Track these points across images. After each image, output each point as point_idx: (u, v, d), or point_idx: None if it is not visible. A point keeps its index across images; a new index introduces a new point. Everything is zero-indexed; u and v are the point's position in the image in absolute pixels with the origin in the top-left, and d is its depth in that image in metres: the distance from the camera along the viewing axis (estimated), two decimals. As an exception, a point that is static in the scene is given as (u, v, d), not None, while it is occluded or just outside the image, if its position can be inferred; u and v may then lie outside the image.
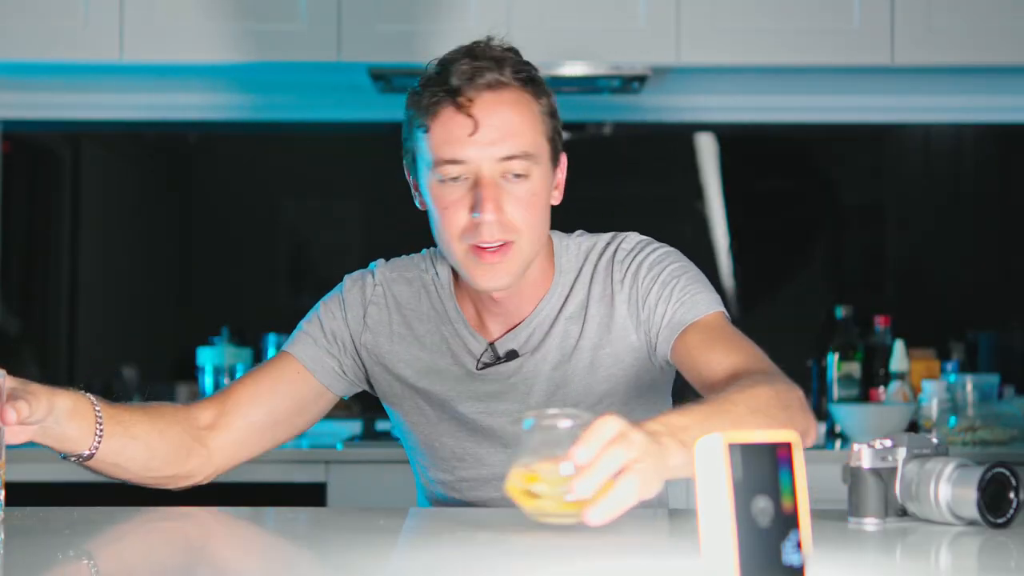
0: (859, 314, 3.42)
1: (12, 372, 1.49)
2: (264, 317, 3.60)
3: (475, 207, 1.72)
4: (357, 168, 3.83)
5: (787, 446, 1.12)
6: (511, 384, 1.83)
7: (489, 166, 1.73)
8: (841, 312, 3.39)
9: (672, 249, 1.87)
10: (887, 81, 3.47)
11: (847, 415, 3.16)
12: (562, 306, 1.85)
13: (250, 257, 3.76)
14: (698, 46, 3.18)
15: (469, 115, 1.72)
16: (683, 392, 1.95)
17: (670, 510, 1.84)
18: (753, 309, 3.69)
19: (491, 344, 1.85)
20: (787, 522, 1.10)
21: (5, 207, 3.66)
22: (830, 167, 3.80)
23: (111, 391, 3.65)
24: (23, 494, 2.86)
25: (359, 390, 1.93)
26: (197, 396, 3.40)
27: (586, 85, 3.35)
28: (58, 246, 3.72)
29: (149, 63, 3.18)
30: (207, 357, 3.31)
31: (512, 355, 1.84)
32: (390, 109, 3.59)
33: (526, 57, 1.81)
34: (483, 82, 1.73)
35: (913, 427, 3.15)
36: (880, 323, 3.41)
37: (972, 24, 3.18)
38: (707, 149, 3.72)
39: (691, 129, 3.71)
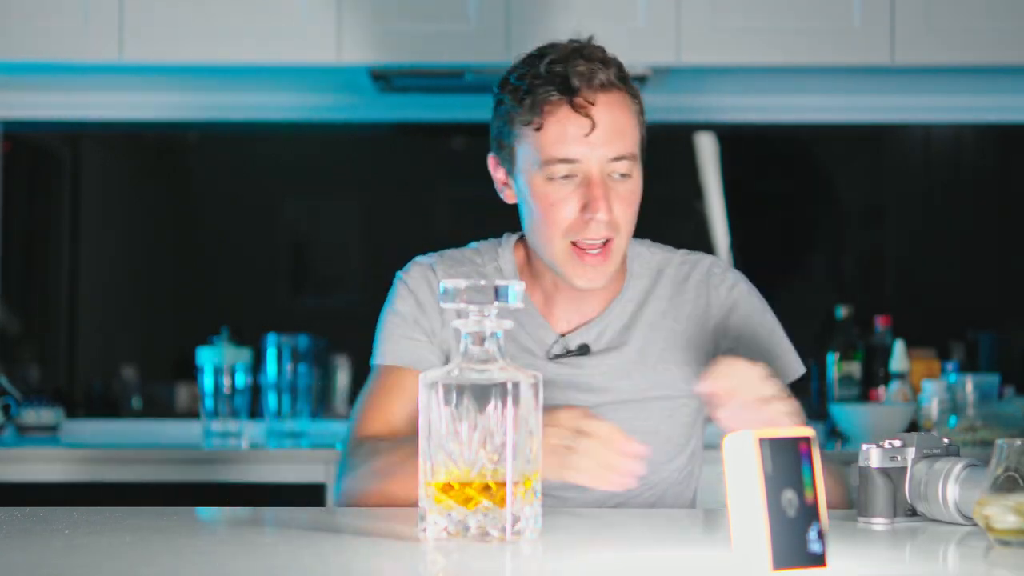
0: (859, 314, 3.42)
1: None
2: (264, 317, 3.59)
3: (587, 206, 1.75)
4: (357, 168, 3.83)
5: (807, 440, 1.17)
6: (576, 376, 1.85)
7: (600, 166, 1.76)
8: (841, 312, 3.39)
9: (750, 284, 1.94)
10: (887, 81, 3.47)
11: (847, 415, 3.15)
12: (638, 311, 1.88)
13: (250, 257, 3.75)
14: (698, 46, 3.17)
15: (587, 115, 1.75)
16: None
17: (679, 509, 1.84)
18: (753, 309, 3.68)
19: (562, 336, 1.86)
20: (809, 512, 1.15)
21: (5, 207, 3.66)
22: (830, 167, 3.80)
23: (111, 391, 3.65)
24: (24, 494, 2.87)
25: None
26: (197, 396, 3.39)
27: (586, 85, 3.34)
28: (58, 246, 3.72)
29: (149, 63, 3.18)
30: (207, 357, 3.30)
31: (584, 349, 1.86)
32: (390, 109, 3.59)
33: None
34: (598, 83, 1.77)
35: (913, 427, 3.15)
36: (880, 323, 3.40)
37: (972, 24, 3.17)
38: (707, 149, 3.72)
39: (691, 129, 3.70)
